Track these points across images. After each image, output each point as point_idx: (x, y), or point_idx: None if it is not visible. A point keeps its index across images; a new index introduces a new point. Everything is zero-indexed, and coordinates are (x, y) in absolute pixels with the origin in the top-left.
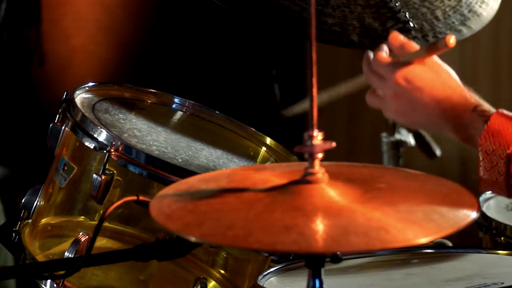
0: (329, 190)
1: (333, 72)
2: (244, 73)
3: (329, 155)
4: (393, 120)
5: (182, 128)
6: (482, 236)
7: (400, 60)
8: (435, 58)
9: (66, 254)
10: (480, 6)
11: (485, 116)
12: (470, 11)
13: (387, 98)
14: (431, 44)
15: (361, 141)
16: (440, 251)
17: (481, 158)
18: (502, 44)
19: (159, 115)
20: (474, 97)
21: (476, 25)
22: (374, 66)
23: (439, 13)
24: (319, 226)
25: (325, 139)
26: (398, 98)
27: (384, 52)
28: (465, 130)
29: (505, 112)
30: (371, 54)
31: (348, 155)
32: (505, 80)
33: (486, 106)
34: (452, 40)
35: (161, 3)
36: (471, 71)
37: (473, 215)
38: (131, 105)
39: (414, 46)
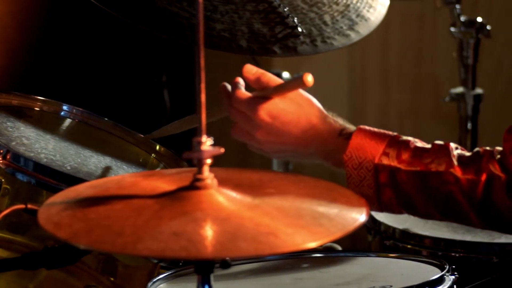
0: (218, 196)
1: (222, 77)
2: (133, 79)
3: (219, 161)
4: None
5: (71, 136)
6: (371, 239)
7: (259, 95)
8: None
9: None
10: (368, 11)
11: (349, 136)
12: (358, 15)
13: (254, 135)
14: (290, 81)
15: None
16: (329, 255)
17: (348, 175)
18: (391, 48)
19: (47, 123)
20: (338, 122)
21: (364, 30)
22: (235, 104)
23: (327, 18)
24: (208, 232)
25: (215, 144)
26: (266, 135)
27: (241, 86)
28: (335, 155)
29: (367, 127)
30: (228, 86)
31: (238, 161)
32: (394, 84)
33: (351, 127)
34: (310, 78)
35: (50, 11)
36: (360, 76)
37: (362, 218)
38: (19, 113)
39: (270, 77)
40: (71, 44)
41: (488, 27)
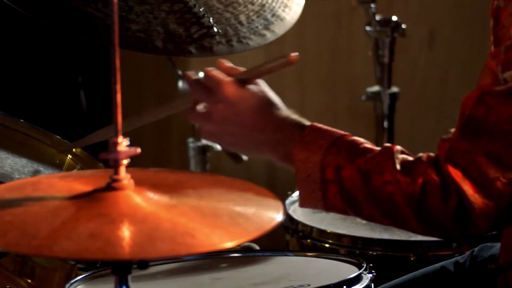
0: (135, 197)
1: (138, 78)
2: (49, 80)
3: (137, 162)
4: (212, 142)
5: None
6: (289, 239)
7: (239, 77)
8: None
9: None
10: (283, 11)
11: (302, 129)
12: (273, 15)
13: (212, 112)
14: (276, 62)
15: (168, 146)
16: (247, 255)
17: (296, 168)
18: (307, 47)
19: None
20: (295, 115)
21: (279, 29)
22: (205, 79)
23: (243, 18)
24: (125, 233)
25: (131, 145)
26: (224, 111)
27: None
28: (284, 146)
29: (319, 125)
30: (192, 75)
31: (156, 161)
32: (311, 83)
33: (306, 122)
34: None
35: None
36: (277, 76)
37: (279, 218)
38: None
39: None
40: None
41: (403, 26)
